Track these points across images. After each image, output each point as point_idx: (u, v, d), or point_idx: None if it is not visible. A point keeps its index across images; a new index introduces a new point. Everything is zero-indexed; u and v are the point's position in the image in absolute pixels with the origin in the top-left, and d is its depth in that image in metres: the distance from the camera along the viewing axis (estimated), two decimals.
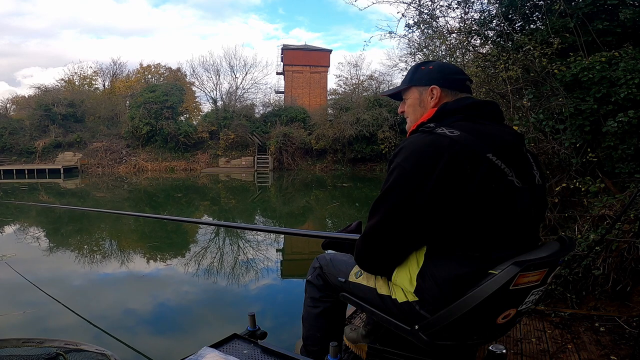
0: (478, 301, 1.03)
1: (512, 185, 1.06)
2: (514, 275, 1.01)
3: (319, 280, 1.51)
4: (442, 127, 1.08)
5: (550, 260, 1.08)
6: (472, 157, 1.03)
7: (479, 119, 1.15)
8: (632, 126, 3.20)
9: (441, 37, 4.99)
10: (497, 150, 1.06)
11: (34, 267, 5.90)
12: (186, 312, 4.23)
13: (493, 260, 1.05)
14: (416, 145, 1.08)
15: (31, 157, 24.05)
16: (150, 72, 31.49)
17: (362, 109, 22.31)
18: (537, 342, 2.24)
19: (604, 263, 2.69)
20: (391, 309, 1.23)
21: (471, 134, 1.07)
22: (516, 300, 1.09)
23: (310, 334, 1.56)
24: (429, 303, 1.13)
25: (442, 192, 1.03)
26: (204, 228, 9.33)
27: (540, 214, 1.19)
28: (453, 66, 1.36)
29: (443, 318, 1.09)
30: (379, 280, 1.30)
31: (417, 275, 1.15)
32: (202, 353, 1.21)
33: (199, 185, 18.33)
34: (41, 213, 11.77)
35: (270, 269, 5.86)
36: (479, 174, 1.03)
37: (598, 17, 3.91)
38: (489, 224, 1.06)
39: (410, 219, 1.08)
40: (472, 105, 1.18)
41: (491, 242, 1.07)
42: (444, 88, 1.23)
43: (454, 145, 1.04)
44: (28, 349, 1.24)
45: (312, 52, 32.73)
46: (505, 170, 1.06)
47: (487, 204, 1.04)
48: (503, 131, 1.15)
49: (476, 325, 1.12)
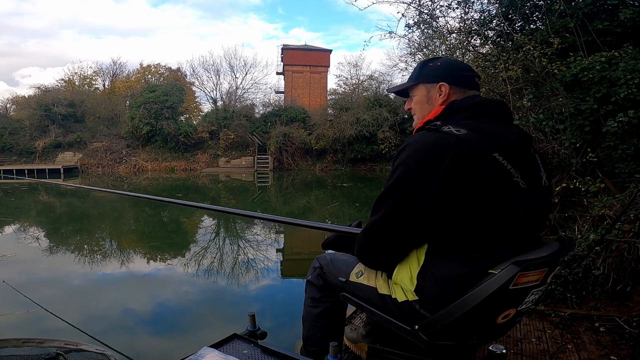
0: (478, 301, 1.02)
1: (516, 186, 1.06)
2: (514, 275, 1.01)
3: (319, 280, 1.50)
4: (448, 125, 1.07)
5: (550, 260, 1.08)
6: (478, 157, 1.02)
7: (485, 118, 1.14)
8: (632, 126, 3.20)
9: (441, 37, 4.99)
10: (504, 151, 1.05)
11: (34, 267, 5.90)
12: (186, 312, 4.23)
13: (494, 260, 1.05)
14: (421, 143, 1.07)
15: (31, 157, 24.04)
16: (150, 72, 31.48)
17: (362, 109, 22.30)
18: (537, 342, 2.24)
19: (604, 263, 2.69)
20: (391, 308, 1.23)
21: (478, 133, 1.06)
22: (516, 300, 1.09)
23: (311, 334, 1.55)
24: (429, 302, 1.12)
25: (445, 190, 1.02)
26: (203, 228, 9.34)
27: (544, 215, 1.18)
28: (461, 63, 1.35)
29: (443, 318, 1.09)
30: (379, 280, 1.29)
31: (417, 274, 1.15)
32: (202, 353, 1.21)
33: (199, 185, 18.33)
34: (41, 213, 11.77)
35: (270, 269, 5.86)
36: (486, 174, 1.02)
37: (598, 17, 3.91)
38: (490, 224, 1.06)
39: (412, 217, 1.07)
40: (480, 104, 1.17)
41: (492, 242, 1.07)
42: (453, 85, 1.21)
43: (460, 143, 1.03)
44: (28, 349, 1.24)
45: (312, 52, 32.72)
46: (512, 170, 1.05)
47: (490, 204, 1.04)
48: (509, 131, 1.14)
49: (476, 325, 1.12)
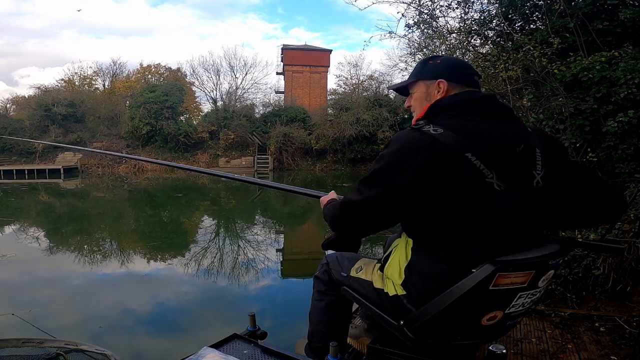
0: (454, 298, 1.04)
1: (490, 187, 1.03)
2: (490, 274, 1.00)
3: (325, 275, 1.56)
4: (430, 125, 1.08)
5: (535, 262, 1.05)
6: (451, 157, 1.02)
7: (473, 115, 1.12)
8: (632, 126, 3.20)
9: (441, 37, 4.99)
10: (478, 150, 1.03)
11: (34, 267, 5.91)
12: (186, 312, 4.23)
13: (471, 259, 1.05)
14: (400, 142, 1.09)
15: (31, 157, 24.04)
16: (150, 72, 31.39)
17: (362, 109, 22.30)
18: (537, 342, 2.24)
19: (604, 263, 2.69)
20: (384, 303, 1.26)
21: (457, 132, 1.05)
22: (501, 302, 1.07)
23: (316, 330, 1.58)
24: (415, 298, 1.15)
25: (419, 189, 1.04)
26: (204, 228, 9.34)
27: (543, 216, 1.13)
28: (461, 60, 1.35)
29: (423, 314, 1.11)
30: (375, 274, 1.33)
31: (405, 268, 1.18)
32: (202, 353, 1.21)
33: (199, 185, 18.35)
34: (41, 213, 11.78)
35: (270, 269, 5.86)
36: (463, 174, 1.02)
37: (598, 17, 3.92)
38: (463, 225, 1.05)
39: (386, 210, 1.10)
40: (466, 101, 1.14)
41: (467, 243, 1.07)
42: (451, 82, 1.20)
43: (435, 144, 1.03)
44: (28, 349, 1.24)
45: (312, 52, 32.69)
46: (484, 171, 1.02)
47: (463, 204, 1.03)
48: (497, 129, 1.09)
49: (458, 324, 1.13)
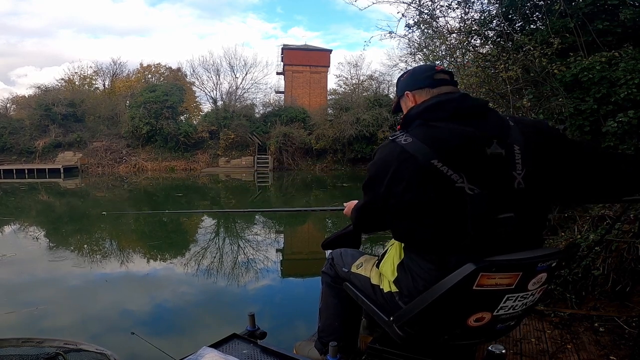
0: (436, 295, 1.06)
1: (462, 192, 1.01)
2: (472, 274, 1.00)
3: (331, 270, 1.61)
4: (403, 134, 1.11)
5: (520, 264, 1.03)
6: (417, 165, 1.04)
7: (437, 121, 1.11)
8: (632, 126, 3.20)
9: (441, 37, 5.00)
10: (442, 156, 1.03)
11: (33, 266, 5.90)
12: (186, 312, 4.23)
13: (453, 262, 1.05)
14: (379, 153, 1.16)
15: (31, 157, 24.03)
16: (150, 71, 31.39)
17: (362, 109, 22.29)
18: (536, 342, 2.24)
19: (604, 263, 2.69)
20: (379, 299, 1.31)
21: (422, 139, 1.07)
22: (487, 303, 1.07)
23: (327, 324, 1.62)
24: (405, 295, 1.19)
25: (391, 197, 1.10)
26: (203, 228, 9.33)
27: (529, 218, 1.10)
28: (423, 66, 1.36)
29: (409, 310, 1.15)
30: (373, 270, 1.39)
31: (398, 265, 1.23)
32: (201, 353, 1.21)
33: (199, 185, 18.33)
34: (41, 213, 11.77)
35: (269, 269, 5.86)
36: (433, 181, 1.03)
37: (598, 17, 3.91)
38: (441, 231, 1.06)
39: (378, 214, 1.21)
40: (428, 108, 1.14)
41: (447, 248, 1.08)
42: (415, 91, 1.24)
43: (403, 153, 1.07)
44: (28, 349, 1.24)
45: (312, 52, 32.66)
46: (453, 176, 1.02)
47: (438, 210, 1.05)
48: (462, 131, 1.07)
49: (443, 323, 1.14)
